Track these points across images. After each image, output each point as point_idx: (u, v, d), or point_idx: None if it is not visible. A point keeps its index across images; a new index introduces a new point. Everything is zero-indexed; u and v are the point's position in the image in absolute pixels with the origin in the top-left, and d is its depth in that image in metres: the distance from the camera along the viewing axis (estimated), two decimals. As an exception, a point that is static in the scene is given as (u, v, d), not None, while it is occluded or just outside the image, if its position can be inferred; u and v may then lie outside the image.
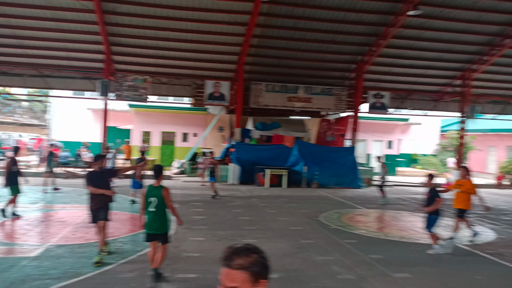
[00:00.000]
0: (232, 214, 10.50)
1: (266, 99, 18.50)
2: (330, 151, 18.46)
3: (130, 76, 17.57)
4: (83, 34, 16.13)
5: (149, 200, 5.32)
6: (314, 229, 9.14)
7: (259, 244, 5.85)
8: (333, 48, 17.81)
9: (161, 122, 22.76)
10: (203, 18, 15.59)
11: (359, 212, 11.65)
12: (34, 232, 7.93)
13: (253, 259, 1.57)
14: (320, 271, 6.23)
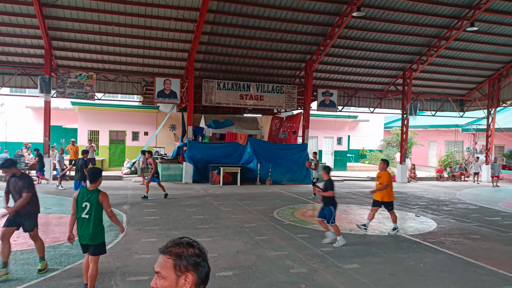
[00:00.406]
0: (186, 214, 10.38)
1: (218, 97, 18.45)
2: (282, 148, 18.80)
3: (74, 72, 16.76)
4: (21, 28, 15.14)
5: (82, 206, 4.75)
6: (268, 225, 9.27)
7: (214, 242, 5.88)
8: (283, 47, 18.11)
9: (109, 120, 21.90)
10: (150, 13, 15.19)
11: (311, 207, 11.98)
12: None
13: (182, 250, 1.58)
14: (274, 266, 6.34)
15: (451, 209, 12.47)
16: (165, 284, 1.53)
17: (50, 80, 15.76)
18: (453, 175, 22.70)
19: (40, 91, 15.58)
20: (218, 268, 6.16)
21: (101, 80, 18.04)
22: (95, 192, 4.87)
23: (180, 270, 1.54)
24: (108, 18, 15.19)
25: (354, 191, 16.35)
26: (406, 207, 12.57)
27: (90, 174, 5.00)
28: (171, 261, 1.55)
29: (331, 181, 7.86)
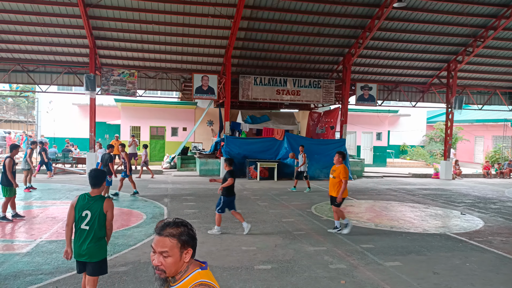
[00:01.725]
0: (224, 207, 10.50)
1: (255, 92, 18.49)
2: (320, 144, 18.58)
3: (117, 70, 17.37)
4: (67, 28, 15.85)
5: (82, 214, 3.92)
6: (305, 221, 9.22)
7: (251, 236, 5.94)
8: (320, 41, 17.84)
9: (150, 116, 22.59)
10: (188, 11, 15.44)
11: (349, 203, 11.77)
12: (24, 228, 7.83)
13: (182, 230, 1.82)
14: (312, 261, 6.30)
15: (499, 207, 11.84)
16: (172, 261, 1.76)
17: (95, 78, 16.43)
18: (501, 172, 21.53)
19: (86, 88, 16.28)
20: (257, 261, 6.21)
21: (142, 77, 18.60)
22: (98, 199, 4.01)
23: (184, 247, 1.79)
24: (148, 17, 15.60)
25: (395, 187, 15.88)
26: (451, 204, 12.06)
27: (93, 178, 4.07)
28: (175, 241, 1.77)
29: (230, 172, 7.88)
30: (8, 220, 8.31)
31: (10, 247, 6.60)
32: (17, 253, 6.25)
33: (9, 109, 40.52)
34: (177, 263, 1.79)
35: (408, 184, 17.09)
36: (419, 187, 16.32)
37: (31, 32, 15.92)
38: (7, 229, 7.75)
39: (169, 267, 1.77)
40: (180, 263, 1.80)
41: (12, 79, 18.16)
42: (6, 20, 15.18)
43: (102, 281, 5.16)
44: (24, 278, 5.21)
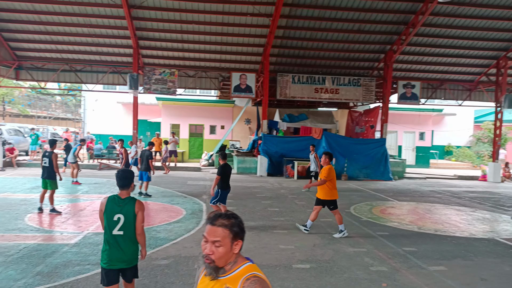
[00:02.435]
0: (262, 206, 10.54)
1: (293, 91, 18.38)
2: (359, 143, 18.18)
3: (158, 69, 17.85)
4: (112, 29, 16.49)
5: (114, 219, 3.62)
6: (344, 221, 9.01)
7: (290, 235, 5.90)
8: (360, 38, 17.45)
9: (189, 114, 23.05)
10: (228, 10, 15.61)
11: (391, 205, 11.44)
12: (72, 220, 8.24)
13: (233, 221, 1.87)
14: (352, 263, 6.18)
15: (555, 213, 11.06)
16: (222, 251, 1.81)
17: (138, 77, 16.98)
18: (556, 175, 20.10)
19: (129, 87, 16.87)
20: (295, 260, 6.17)
21: (182, 76, 19.01)
22: (129, 201, 3.72)
23: (235, 238, 1.84)
24: (188, 16, 15.91)
25: (439, 190, 15.25)
26: (499, 209, 11.42)
27: (121, 179, 3.75)
28: (227, 231, 1.83)
29: (222, 166, 8.00)
30: (58, 212, 8.77)
31: (59, 238, 6.96)
32: (66, 243, 6.58)
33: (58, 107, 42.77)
34: (227, 253, 1.83)
35: (453, 186, 16.37)
36: (465, 189, 15.59)
37: (79, 33, 16.70)
38: (57, 221, 8.18)
39: (219, 256, 1.82)
40: (230, 254, 1.84)
41: (61, 78, 19.13)
42: (56, 22, 16.01)
43: (146, 273, 5.33)
44: (73, 267, 5.47)
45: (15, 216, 8.39)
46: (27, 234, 7.08)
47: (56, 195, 10.90)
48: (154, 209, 9.80)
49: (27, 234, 7.05)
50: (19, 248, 6.22)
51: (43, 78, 18.85)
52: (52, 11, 15.47)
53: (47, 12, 15.50)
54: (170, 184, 13.78)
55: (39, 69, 18.54)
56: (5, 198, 10.27)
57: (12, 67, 17.85)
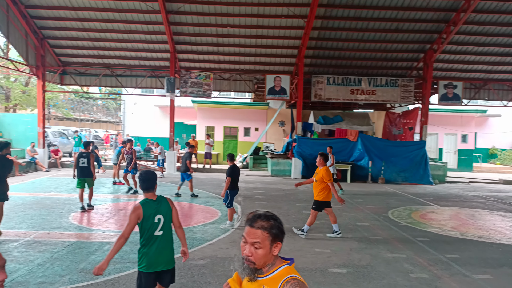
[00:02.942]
0: (296, 208, 10.47)
1: (328, 92, 18.14)
2: (397, 145, 17.65)
3: (194, 73, 18.17)
4: (150, 34, 16.96)
5: (155, 220, 3.59)
6: (382, 226, 8.82)
7: (326, 238, 5.81)
8: (398, 37, 16.98)
9: (223, 117, 23.31)
10: (262, 13, 15.66)
11: (431, 210, 11.03)
12: (113, 219, 8.53)
13: (272, 223, 1.85)
14: (391, 268, 6.00)
15: None
16: (262, 253, 1.80)
17: (175, 81, 17.38)
18: None
19: (166, 90, 17.30)
20: (331, 264, 6.07)
21: (217, 79, 19.26)
22: (162, 200, 3.73)
23: (274, 240, 1.83)
24: (224, 20, 16.10)
25: (483, 194, 14.54)
26: (551, 215, 10.72)
27: (145, 181, 3.71)
28: (266, 234, 1.81)
29: (230, 167, 8.13)
30: (91, 207, 9.49)
31: (101, 236, 7.23)
32: (107, 242, 6.83)
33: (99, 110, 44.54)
34: (266, 255, 1.82)
35: (499, 191, 15.55)
36: (511, 194, 14.77)
37: (119, 39, 17.31)
38: (99, 220, 8.50)
39: (259, 258, 1.81)
40: (269, 256, 1.83)
41: (102, 83, 19.91)
42: (98, 28, 16.69)
43: (183, 272, 5.42)
44: (114, 265, 5.66)
45: (59, 214, 8.80)
46: (71, 232, 7.40)
47: (99, 194, 11.38)
48: (190, 210, 9.97)
49: (71, 232, 7.37)
50: (64, 246, 6.51)
51: (85, 83, 19.70)
52: (94, 18, 16.14)
53: (89, 19, 16.19)
54: (205, 186, 13.98)
55: (82, 74, 19.39)
56: (51, 198, 10.79)
57: (57, 72, 18.78)
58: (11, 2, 14.96)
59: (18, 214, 8.67)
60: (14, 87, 27.47)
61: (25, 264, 5.56)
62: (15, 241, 6.64)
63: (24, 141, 17.97)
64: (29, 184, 13.21)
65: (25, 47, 16.66)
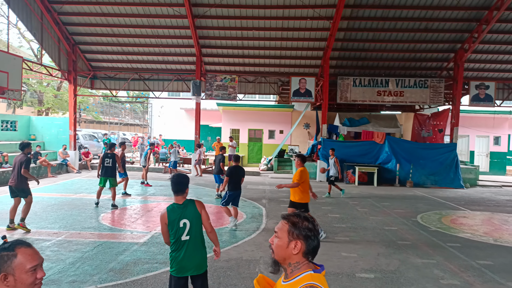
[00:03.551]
0: (322, 211, 10.36)
1: (354, 94, 17.90)
2: (426, 148, 17.17)
3: (220, 76, 18.34)
4: (177, 39, 17.25)
5: (180, 225, 3.52)
6: (411, 230, 8.60)
7: (352, 242, 5.70)
8: (428, 37, 16.57)
9: (248, 119, 23.38)
10: (287, 15, 15.64)
11: (462, 214, 10.67)
12: (141, 220, 8.70)
13: (298, 221, 1.82)
14: (420, 274, 5.84)
15: None
16: (279, 243, 1.81)
17: (200, 84, 17.60)
18: None
19: (192, 94, 17.53)
20: (358, 269, 5.97)
21: (242, 82, 19.36)
22: (189, 203, 3.61)
23: (292, 236, 1.79)
24: (249, 23, 16.19)
25: (517, 199, 13.95)
26: None
27: (176, 184, 3.63)
28: (287, 226, 1.81)
29: (230, 167, 8.27)
30: (116, 207, 9.94)
31: (129, 236, 7.38)
32: (136, 242, 6.97)
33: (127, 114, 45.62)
34: (283, 248, 1.80)
35: (535, 196, 14.87)
36: (549, 199, 14.10)
37: (147, 44, 17.70)
38: (127, 221, 8.69)
39: (276, 248, 1.82)
40: (287, 252, 1.79)
41: (131, 87, 20.39)
42: (127, 34, 17.12)
43: (209, 274, 5.44)
44: (142, 265, 5.77)
45: (90, 215, 9.06)
46: (100, 232, 7.60)
47: (127, 196, 11.64)
48: (215, 212, 10.04)
49: (101, 232, 7.56)
50: (94, 245, 6.69)
51: (115, 87, 20.23)
52: (124, 24, 16.57)
53: (118, 25, 16.63)
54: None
55: (111, 78, 19.93)
56: (81, 198, 11.12)
57: (87, 77, 19.38)
58: (45, 10, 15.57)
59: (50, 214, 8.98)
60: (47, 91, 28.54)
61: (57, 263, 5.75)
62: (48, 241, 6.87)
63: (56, 144, 18.62)
64: (61, 185, 13.67)
65: (57, 53, 17.29)
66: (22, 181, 7.48)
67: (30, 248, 1.76)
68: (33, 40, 27.19)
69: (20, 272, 1.68)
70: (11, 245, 1.72)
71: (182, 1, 15.00)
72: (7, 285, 1.67)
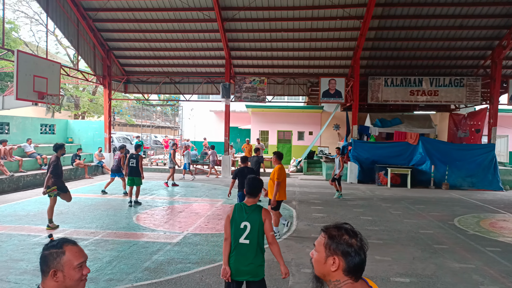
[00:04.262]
0: (353, 214, 10.20)
1: (385, 94, 17.53)
2: (462, 149, 16.56)
3: (248, 78, 18.43)
4: (206, 42, 17.49)
5: (241, 226, 3.46)
6: (447, 234, 8.32)
7: (385, 245, 5.56)
8: (463, 35, 16.00)
9: (277, 121, 23.37)
10: (316, 15, 15.52)
11: (502, 218, 10.21)
12: (173, 221, 8.87)
13: (337, 234, 1.68)
14: (458, 279, 5.63)
15: None
16: (317, 258, 1.70)
17: (230, 86, 17.75)
18: None
19: (222, 96, 17.72)
20: (393, 273, 5.83)
21: (271, 83, 19.38)
22: (256, 208, 3.55)
23: (329, 251, 1.66)
24: (278, 25, 16.19)
25: (563, 202, 13.19)
26: None
27: (251, 186, 3.64)
28: (324, 239, 1.69)
29: (237, 169, 8.11)
30: (139, 203, 10.57)
31: (163, 237, 7.54)
32: (169, 242, 7.10)
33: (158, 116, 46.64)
34: (321, 263, 1.69)
35: None
36: None
37: (178, 48, 18.04)
38: (160, 221, 8.88)
39: (314, 263, 1.73)
40: (326, 268, 1.67)
41: (162, 90, 20.85)
42: (158, 38, 17.53)
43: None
44: (176, 265, 5.88)
45: (125, 215, 9.32)
46: (135, 232, 7.81)
47: (159, 197, 11.91)
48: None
49: (136, 232, 7.77)
50: (129, 245, 6.87)
51: (147, 90, 20.75)
52: (155, 28, 16.97)
53: (150, 30, 17.06)
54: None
55: (144, 82, 20.46)
56: (116, 199, 11.47)
57: (121, 81, 19.98)
58: (81, 17, 16.19)
59: (87, 214, 9.31)
60: (83, 96, 29.64)
61: (94, 262, 5.95)
62: (86, 240, 7.13)
63: (92, 146, 19.29)
64: (97, 186, 14.14)
65: (93, 59, 17.93)
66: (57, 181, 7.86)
67: (76, 245, 1.83)
68: (69, 47, 28.36)
69: (68, 269, 1.76)
70: (59, 243, 1.80)
71: (212, 5, 15.21)
72: (56, 281, 1.75)
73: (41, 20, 28.88)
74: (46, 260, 1.76)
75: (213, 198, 12.03)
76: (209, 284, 5.17)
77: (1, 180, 12.74)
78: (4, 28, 12.90)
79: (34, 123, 17.55)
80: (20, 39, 26.91)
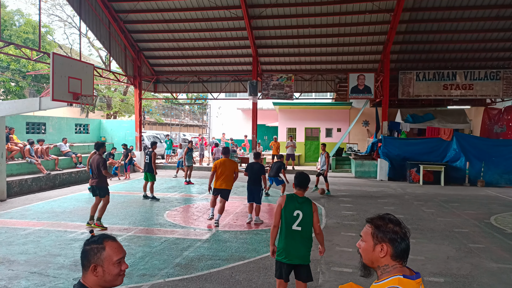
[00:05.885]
0: (384, 211, 9.91)
1: (417, 89, 17.06)
2: (499, 145, 15.88)
3: (276, 75, 18.39)
4: (233, 40, 17.58)
5: (294, 214, 3.84)
6: (483, 233, 8.01)
7: (418, 244, 5.43)
8: (499, 25, 15.33)
9: (305, 118, 23.19)
10: (345, 10, 15.28)
11: (542, 216, 9.74)
12: (203, 218, 8.99)
13: (382, 223, 1.78)
14: (496, 280, 5.42)
15: None
16: (365, 247, 1.81)
17: (257, 84, 17.78)
18: None
19: (249, 94, 17.77)
20: (427, 272, 5.68)
21: (298, 80, 19.26)
22: (307, 200, 3.95)
23: (377, 239, 1.77)
24: (305, 21, 16.05)
25: None
26: None
27: (301, 180, 4.04)
28: (371, 229, 1.80)
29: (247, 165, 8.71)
30: (157, 199, 10.95)
31: (193, 233, 7.66)
32: (199, 239, 7.21)
33: (186, 115, 47.36)
34: (369, 252, 1.80)
35: None
36: None
37: (205, 47, 18.24)
38: (190, 218, 9.02)
39: (363, 252, 1.83)
40: (374, 255, 1.78)
41: (190, 89, 21.15)
42: (186, 38, 17.77)
43: (271, 272, 5.50)
44: (206, 261, 5.96)
45: (156, 212, 9.53)
46: (166, 228, 7.97)
47: (190, 194, 12.11)
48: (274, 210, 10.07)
49: (166, 229, 7.93)
50: (160, 241, 7.03)
51: (176, 90, 21.10)
52: (183, 28, 17.22)
53: (179, 30, 17.32)
54: (287, 187, 14.02)
55: (173, 82, 20.81)
56: (148, 196, 11.73)
57: (151, 81, 20.41)
58: (112, 19, 16.64)
59: (120, 211, 9.58)
60: (114, 96, 30.50)
61: (128, 257, 6.11)
62: (119, 236, 7.34)
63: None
64: (129, 184, 14.53)
65: (124, 59, 18.41)
66: (102, 181, 8.03)
67: (116, 241, 1.89)
68: (101, 48, 29.24)
69: (108, 264, 1.81)
70: (99, 238, 1.86)
71: (239, 3, 15.26)
72: (96, 276, 1.81)
73: (74, 23, 29.91)
74: (87, 255, 1.83)
75: (242, 195, 12.10)
76: (239, 281, 5.21)
77: (38, 178, 13.32)
78: (40, 32, 13.44)
79: (69, 123, 18.22)
80: (55, 42, 27.97)
